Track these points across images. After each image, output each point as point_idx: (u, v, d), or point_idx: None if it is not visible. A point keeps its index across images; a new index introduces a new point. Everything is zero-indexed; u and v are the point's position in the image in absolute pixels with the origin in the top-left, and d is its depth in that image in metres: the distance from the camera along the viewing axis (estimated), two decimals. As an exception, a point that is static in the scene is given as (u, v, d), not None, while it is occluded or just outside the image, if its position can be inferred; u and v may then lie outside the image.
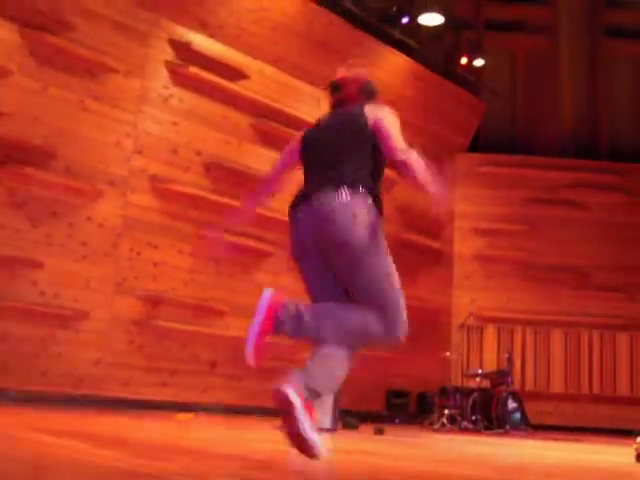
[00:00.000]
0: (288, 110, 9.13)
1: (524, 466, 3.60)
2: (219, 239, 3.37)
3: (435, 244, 10.86)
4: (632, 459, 4.03)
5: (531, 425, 8.60)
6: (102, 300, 7.34)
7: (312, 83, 9.50)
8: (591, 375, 10.77)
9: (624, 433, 8.54)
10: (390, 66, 10.23)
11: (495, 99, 11.74)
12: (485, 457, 3.95)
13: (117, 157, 7.63)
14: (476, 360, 10.52)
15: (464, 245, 11.23)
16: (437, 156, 11.15)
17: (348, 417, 6.73)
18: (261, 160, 8.86)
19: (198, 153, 8.30)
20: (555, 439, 7.09)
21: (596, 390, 10.72)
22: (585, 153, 11.88)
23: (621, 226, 11.33)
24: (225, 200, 8.33)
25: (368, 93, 3.01)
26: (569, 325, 10.88)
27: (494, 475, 2.93)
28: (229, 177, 8.50)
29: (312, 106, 9.49)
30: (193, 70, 8.22)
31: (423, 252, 10.70)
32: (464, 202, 11.32)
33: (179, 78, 8.19)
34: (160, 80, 8.08)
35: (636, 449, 4.04)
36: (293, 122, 9.17)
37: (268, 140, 8.96)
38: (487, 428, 8.07)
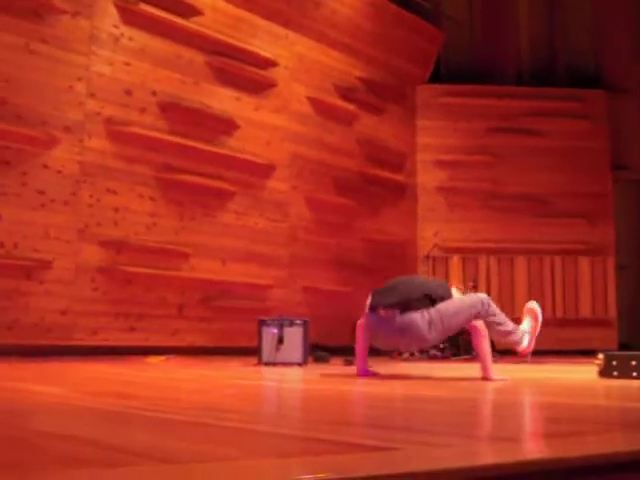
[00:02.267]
0: (243, 46, 8.92)
1: (493, 386, 3.68)
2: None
3: (398, 177, 10.84)
4: (594, 375, 4.16)
5: (497, 350, 8.78)
6: (64, 249, 7.23)
7: (267, 17, 9.27)
8: (554, 299, 11.00)
9: (588, 353, 8.78)
10: (345, -3, 10.00)
11: (455, 28, 11.60)
12: (455, 381, 4.02)
13: (70, 102, 7.41)
14: (442, 290, 10.63)
15: (427, 177, 11.24)
16: (398, 88, 11.13)
17: (319, 351, 6.78)
18: (218, 98, 8.69)
19: (153, 94, 8.10)
20: (521, 362, 7.25)
21: (559, 314, 10.97)
22: (544, 80, 11.86)
23: (580, 153, 11.41)
24: (183, 141, 8.19)
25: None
26: (532, 252, 11.04)
27: (461, 395, 2.98)
28: (186, 117, 8.33)
29: (266, 41, 9.28)
30: (143, 7, 7.96)
31: (386, 185, 10.69)
32: (426, 134, 11.28)
33: (129, 16, 7.92)
34: (110, 19, 7.81)
35: (598, 365, 4.17)
36: (248, 58, 8.99)
37: (224, 77, 8.77)
38: (455, 355, 8.23)
